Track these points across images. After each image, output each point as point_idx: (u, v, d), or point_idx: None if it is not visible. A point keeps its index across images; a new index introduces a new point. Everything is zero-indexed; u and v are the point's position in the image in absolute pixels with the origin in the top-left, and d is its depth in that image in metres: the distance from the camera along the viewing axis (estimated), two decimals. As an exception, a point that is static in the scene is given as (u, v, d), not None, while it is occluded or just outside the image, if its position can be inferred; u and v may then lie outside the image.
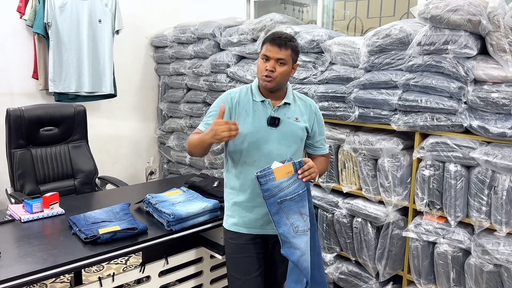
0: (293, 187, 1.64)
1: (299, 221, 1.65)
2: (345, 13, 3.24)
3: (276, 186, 1.61)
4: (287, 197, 1.63)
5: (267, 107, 1.80)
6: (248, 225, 1.83)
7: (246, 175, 1.80)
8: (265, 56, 1.74)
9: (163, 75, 3.93)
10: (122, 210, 2.05)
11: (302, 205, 1.66)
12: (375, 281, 2.36)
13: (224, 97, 1.85)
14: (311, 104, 1.90)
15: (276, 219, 1.64)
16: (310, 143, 1.92)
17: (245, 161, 1.79)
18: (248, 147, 1.78)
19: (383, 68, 2.23)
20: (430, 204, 2.09)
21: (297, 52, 1.80)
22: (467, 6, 1.87)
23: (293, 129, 1.81)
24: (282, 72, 1.73)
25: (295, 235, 1.63)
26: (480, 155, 1.87)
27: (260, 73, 1.76)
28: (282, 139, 1.79)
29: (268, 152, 1.77)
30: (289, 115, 1.81)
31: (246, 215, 1.82)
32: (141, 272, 1.96)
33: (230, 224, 1.87)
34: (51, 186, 2.68)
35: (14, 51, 3.19)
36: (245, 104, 1.81)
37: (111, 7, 3.38)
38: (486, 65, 1.90)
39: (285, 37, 1.74)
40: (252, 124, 1.78)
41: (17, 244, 1.79)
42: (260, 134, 1.78)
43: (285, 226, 1.63)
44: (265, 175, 1.61)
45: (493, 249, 1.87)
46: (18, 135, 2.60)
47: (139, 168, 4.09)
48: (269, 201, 1.62)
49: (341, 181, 2.46)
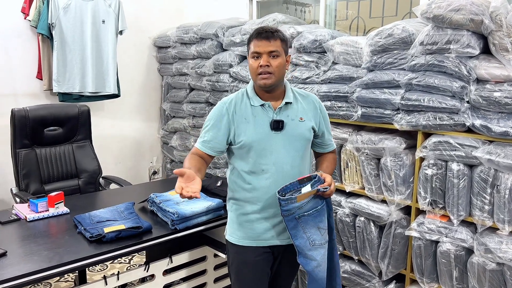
0: (312, 204, 1.61)
1: (316, 235, 1.62)
2: (347, 13, 3.25)
3: (296, 206, 1.57)
4: (305, 213, 1.60)
5: (267, 110, 1.68)
6: (258, 237, 1.73)
7: (255, 186, 1.69)
8: (255, 54, 1.63)
9: (166, 75, 3.95)
10: (127, 209, 2.07)
11: (320, 219, 1.63)
12: (378, 280, 2.37)
13: (219, 109, 1.71)
14: (314, 100, 1.79)
15: (293, 233, 1.61)
16: (319, 142, 1.83)
17: (252, 171, 1.69)
18: (254, 156, 1.67)
19: (385, 67, 2.23)
20: (432, 203, 2.10)
21: (287, 42, 1.69)
22: (469, 5, 1.88)
23: (300, 130, 1.71)
24: (278, 65, 1.62)
25: (311, 248, 1.61)
26: (483, 154, 1.87)
27: (254, 72, 1.64)
28: (289, 143, 1.69)
29: (275, 159, 1.67)
30: (293, 115, 1.71)
31: (255, 227, 1.72)
32: (145, 270, 1.97)
33: (237, 238, 1.75)
34: (55, 186, 2.70)
35: (18, 52, 3.21)
36: (243, 111, 1.69)
37: (115, 8, 3.40)
38: (488, 65, 1.91)
39: (271, 29, 1.65)
40: (254, 132, 1.66)
41: (23, 243, 1.81)
42: (265, 141, 1.66)
43: (302, 239, 1.61)
44: (288, 199, 1.56)
45: (496, 247, 1.88)
46: (23, 135, 2.62)
47: (142, 168, 4.11)
48: (286, 218, 1.59)
49: (344, 180, 2.47)
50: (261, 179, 1.67)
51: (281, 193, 1.58)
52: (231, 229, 1.79)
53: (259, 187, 1.68)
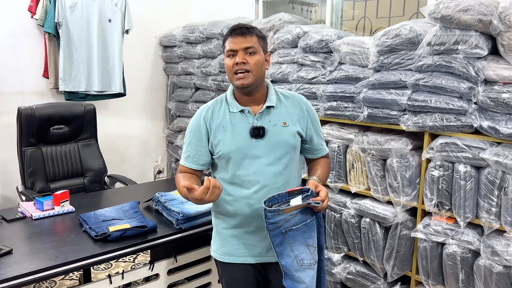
0: (300, 217, 1.46)
1: (305, 253, 1.47)
2: (354, 13, 3.24)
3: (283, 218, 1.42)
4: (292, 227, 1.44)
5: (247, 116, 1.55)
6: (245, 253, 1.60)
7: (237, 198, 1.56)
8: (230, 52, 1.51)
9: (172, 75, 3.95)
10: (132, 208, 2.07)
11: (310, 235, 1.48)
12: (383, 281, 2.36)
13: (196, 120, 1.60)
14: (300, 102, 1.64)
15: (279, 250, 1.45)
16: (309, 148, 1.69)
17: (234, 182, 1.56)
18: (234, 167, 1.55)
19: (392, 68, 2.22)
20: (439, 205, 2.08)
21: (265, 40, 1.58)
22: (478, 6, 1.86)
23: (283, 136, 1.56)
24: (256, 63, 1.50)
25: (299, 268, 1.46)
26: (490, 156, 1.86)
27: (230, 72, 1.52)
28: (271, 151, 1.55)
29: (257, 168, 1.54)
30: (275, 120, 1.57)
31: (240, 242, 1.60)
32: (150, 270, 1.97)
33: (223, 255, 1.64)
34: (61, 184, 2.72)
35: (25, 51, 3.22)
36: (221, 119, 1.56)
37: (121, 7, 3.41)
38: (497, 66, 1.89)
39: (246, 25, 1.54)
40: (232, 141, 1.54)
41: (29, 241, 1.81)
42: (245, 150, 1.53)
43: (289, 258, 1.45)
44: (274, 211, 1.41)
45: (503, 250, 1.86)
46: (29, 133, 2.63)
47: (147, 167, 4.12)
48: (272, 232, 1.43)
49: (349, 181, 2.46)
50: (243, 190, 1.55)
51: (267, 203, 1.43)
52: (216, 244, 1.67)
53: (240, 199, 1.56)
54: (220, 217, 1.64)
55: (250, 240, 1.59)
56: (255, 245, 1.59)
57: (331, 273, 2.53)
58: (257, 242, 1.57)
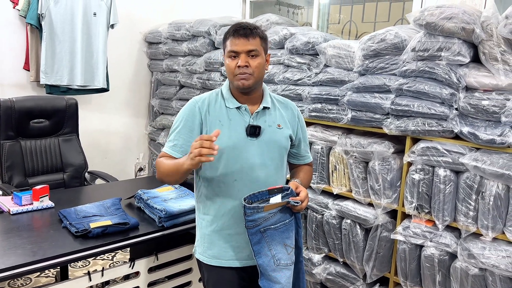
0: (279, 216, 1.46)
1: (282, 253, 1.47)
2: (340, 17, 3.27)
3: (262, 216, 1.43)
4: (271, 226, 1.45)
5: (244, 114, 1.55)
6: (233, 256, 1.57)
7: (226, 197, 1.54)
8: (232, 53, 1.50)
9: (156, 72, 3.92)
10: (114, 205, 2.05)
11: (287, 235, 1.49)
12: (362, 282, 2.39)
13: (189, 108, 1.56)
14: (292, 108, 1.68)
15: (256, 249, 1.45)
16: (295, 153, 1.71)
17: (223, 181, 1.53)
18: (227, 164, 1.52)
19: (377, 72, 2.25)
20: (418, 208, 2.12)
21: (266, 40, 1.56)
22: (461, 14, 1.91)
23: (277, 138, 1.58)
24: (258, 66, 1.50)
25: (275, 268, 1.46)
26: (469, 161, 1.91)
27: (232, 73, 1.51)
28: (265, 151, 1.55)
29: (249, 168, 1.53)
30: (270, 122, 1.58)
31: (228, 245, 1.57)
32: (130, 267, 1.95)
33: (209, 258, 1.60)
34: (39, 179, 2.66)
35: (5, 41, 3.14)
36: (218, 112, 1.54)
37: (107, 1, 3.35)
38: (478, 73, 1.94)
39: (250, 26, 1.51)
40: (228, 136, 1.51)
41: (6, 236, 1.77)
42: (239, 148, 1.52)
43: (266, 257, 1.46)
44: (254, 208, 1.42)
45: (479, 253, 1.91)
46: (8, 126, 2.57)
47: (129, 164, 4.07)
48: (250, 230, 1.44)
49: (332, 182, 2.48)
50: (233, 190, 1.53)
51: (247, 200, 1.43)
52: (202, 247, 1.63)
53: (231, 200, 1.54)
54: (208, 218, 1.61)
55: (238, 242, 1.57)
56: (244, 247, 1.56)
57: (311, 274, 2.55)
58: (246, 244, 1.51)
